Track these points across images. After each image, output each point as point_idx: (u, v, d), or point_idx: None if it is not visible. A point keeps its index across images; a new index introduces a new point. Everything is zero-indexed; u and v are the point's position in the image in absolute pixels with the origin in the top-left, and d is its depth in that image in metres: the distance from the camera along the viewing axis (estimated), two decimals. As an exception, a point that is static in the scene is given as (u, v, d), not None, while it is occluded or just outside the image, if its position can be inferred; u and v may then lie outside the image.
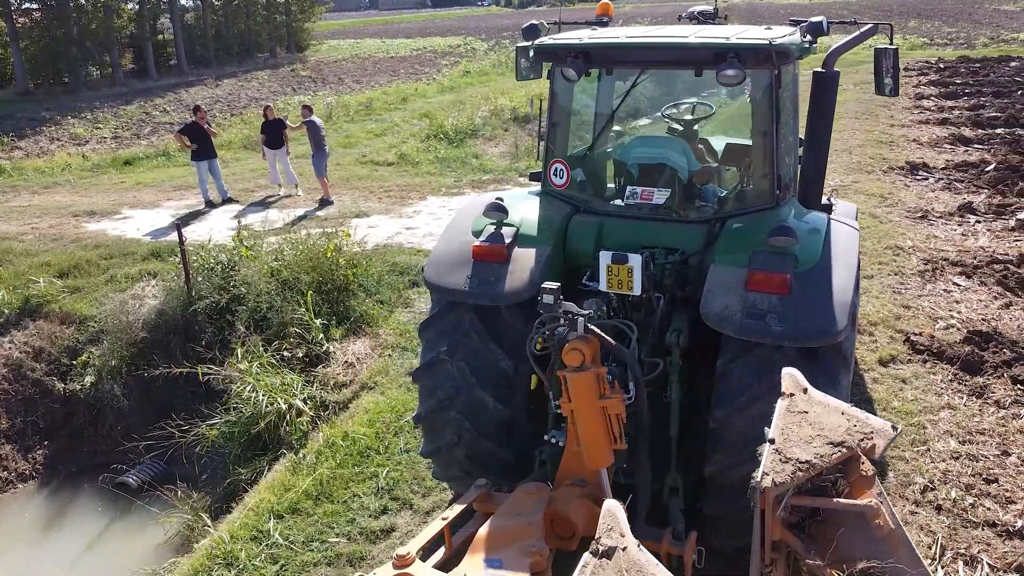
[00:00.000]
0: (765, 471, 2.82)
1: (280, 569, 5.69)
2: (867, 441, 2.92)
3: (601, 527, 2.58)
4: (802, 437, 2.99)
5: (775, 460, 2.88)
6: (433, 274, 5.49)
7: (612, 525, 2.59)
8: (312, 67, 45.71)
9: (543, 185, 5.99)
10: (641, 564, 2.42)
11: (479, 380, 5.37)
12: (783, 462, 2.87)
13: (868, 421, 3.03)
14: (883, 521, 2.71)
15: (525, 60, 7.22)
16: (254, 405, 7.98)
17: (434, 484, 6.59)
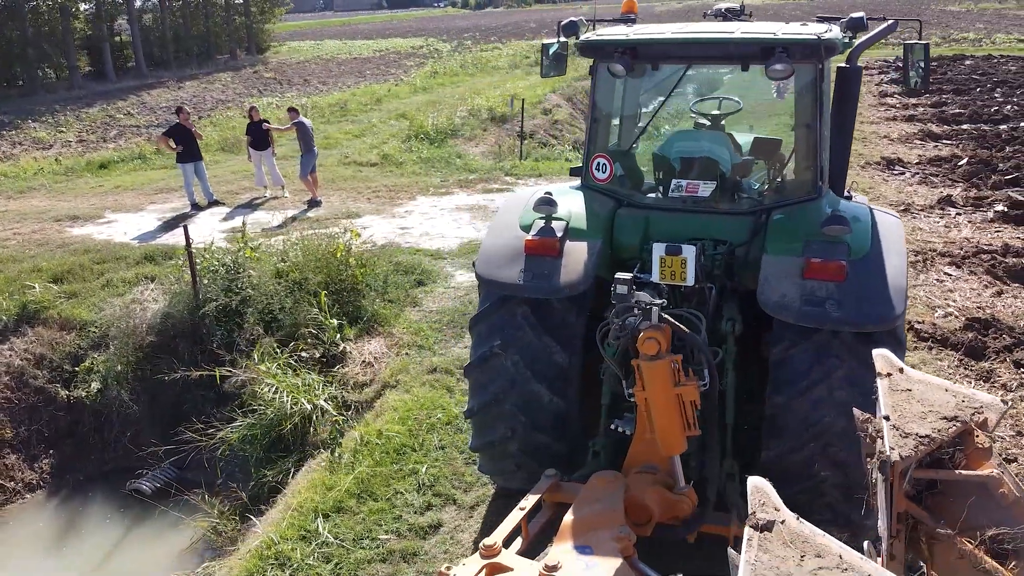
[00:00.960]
0: (891, 445, 2.93)
1: (334, 568, 5.68)
2: (979, 415, 3.05)
3: (753, 502, 2.65)
4: (915, 413, 3.11)
5: (895, 436, 2.99)
6: (485, 269, 5.53)
7: (764, 500, 2.67)
8: (275, 69, 45.19)
9: (584, 179, 6.06)
10: (805, 535, 2.51)
11: (534, 373, 5.43)
12: (903, 437, 2.98)
13: (976, 396, 3.15)
14: (1007, 490, 2.83)
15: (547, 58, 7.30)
16: (279, 406, 7.92)
17: (474, 479, 6.63)
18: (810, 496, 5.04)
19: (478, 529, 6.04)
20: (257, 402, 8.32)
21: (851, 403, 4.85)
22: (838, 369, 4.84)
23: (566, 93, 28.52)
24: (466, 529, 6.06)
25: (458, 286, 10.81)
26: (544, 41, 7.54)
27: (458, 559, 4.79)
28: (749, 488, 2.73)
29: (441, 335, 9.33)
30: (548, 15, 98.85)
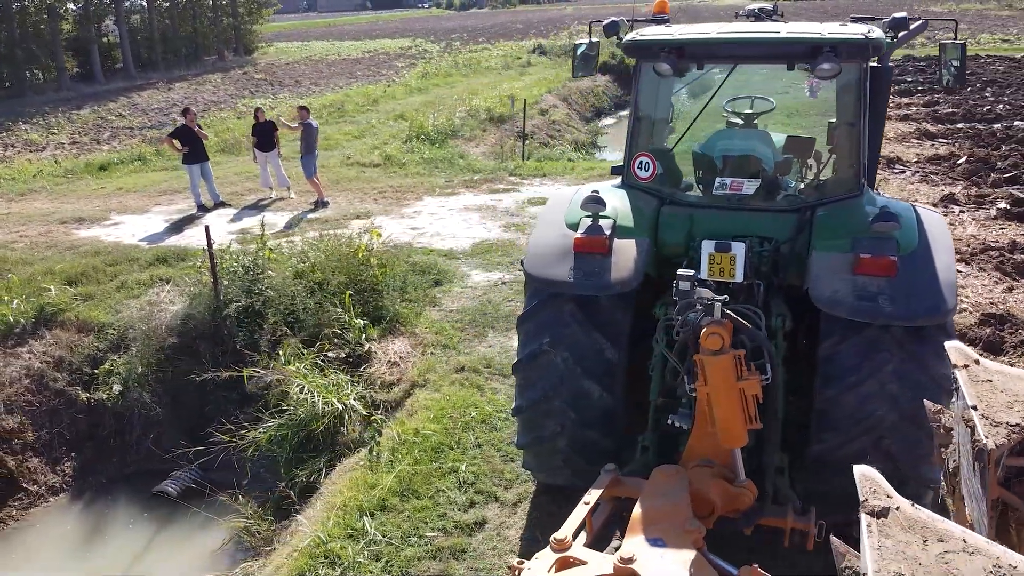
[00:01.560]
0: (984, 434, 3.01)
1: (385, 565, 5.71)
2: (1062, 403, 3.14)
3: (863, 490, 2.72)
4: (1000, 403, 3.19)
5: (986, 425, 3.07)
6: (534, 267, 5.59)
7: (874, 487, 2.73)
8: (264, 70, 45.02)
9: (625, 178, 6.12)
10: (923, 520, 2.57)
11: (584, 370, 5.49)
12: (994, 425, 3.06)
13: (1056, 384, 3.25)
14: (1097, 476, 2.92)
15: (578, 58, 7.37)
16: (310, 406, 7.92)
17: (514, 476, 6.68)
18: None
19: (523, 526, 6.09)
20: (287, 402, 8.31)
21: (901, 397, 4.98)
22: (888, 363, 4.92)
23: (561, 94, 28.63)
24: (511, 526, 6.10)
25: (475, 286, 10.85)
26: (576, 41, 7.63)
27: (507, 554, 4.83)
28: (857, 476, 2.79)
29: (464, 335, 9.37)
30: (534, 16, 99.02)
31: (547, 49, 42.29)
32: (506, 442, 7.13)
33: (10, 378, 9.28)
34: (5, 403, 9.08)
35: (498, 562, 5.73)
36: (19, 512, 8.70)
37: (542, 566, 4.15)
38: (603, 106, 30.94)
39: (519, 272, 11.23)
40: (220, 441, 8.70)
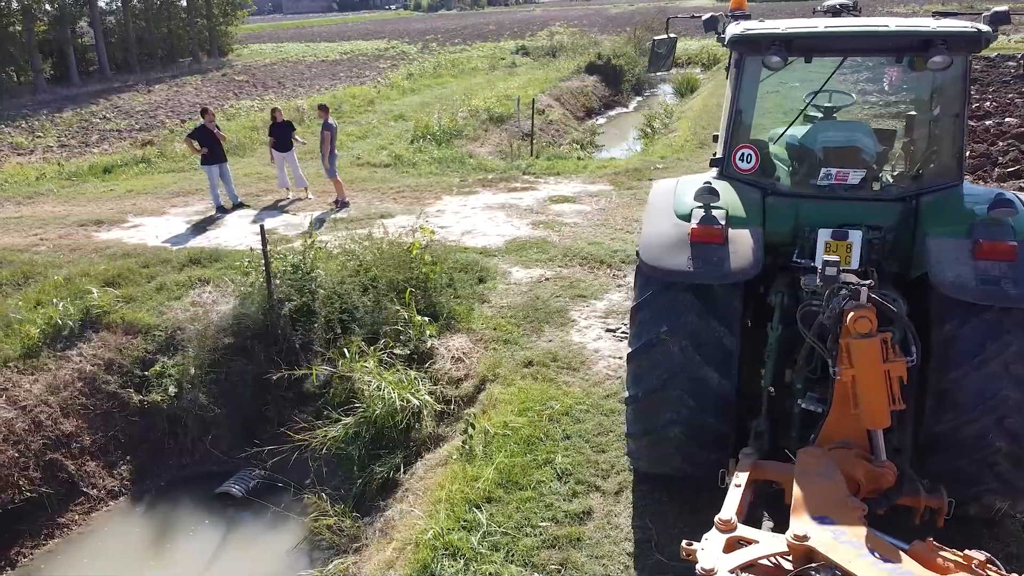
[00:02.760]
0: None
1: (506, 555, 5.75)
2: None
3: None
4: None
5: None
6: (651, 258, 5.66)
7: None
8: (243, 71, 44.59)
9: (724, 170, 6.23)
10: None
11: (703, 357, 5.58)
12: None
13: None
14: None
15: (656, 54, 7.50)
16: (389, 403, 7.93)
17: (609, 466, 6.76)
18: (979, 467, 5.30)
19: (630, 514, 6.17)
20: (359, 400, 8.31)
21: (1023, 376, 5.15)
22: (1012, 344, 5.09)
23: (553, 94, 28.78)
24: (619, 514, 6.18)
25: (518, 282, 10.90)
26: (655, 37, 7.74)
27: (622, 541, 4.70)
28: None
29: (521, 330, 9.42)
30: (504, 17, 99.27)
31: (530, 50, 42.47)
32: (593, 433, 7.21)
33: (63, 381, 9.13)
34: (61, 407, 8.93)
35: (615, 549, 5.81)
36: (80, 516, 8.58)
37: (715, 547, 4.24)
38: (593, 106, 31.15)
39: (560, 268, 11.40)
40: (291, 440, 8.71)
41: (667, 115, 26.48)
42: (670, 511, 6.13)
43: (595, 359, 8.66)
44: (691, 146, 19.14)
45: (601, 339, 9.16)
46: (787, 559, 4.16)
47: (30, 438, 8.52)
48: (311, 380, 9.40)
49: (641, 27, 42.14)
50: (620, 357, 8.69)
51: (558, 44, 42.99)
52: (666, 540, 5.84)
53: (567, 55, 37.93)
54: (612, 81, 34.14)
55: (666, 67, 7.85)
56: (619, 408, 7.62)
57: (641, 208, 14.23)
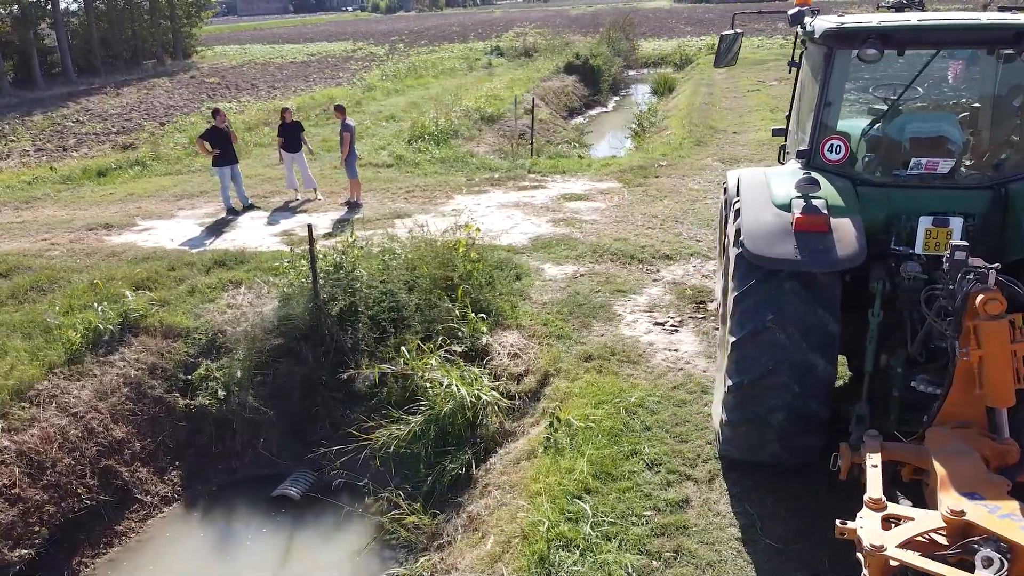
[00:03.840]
0: None
1: (619, 544, 5.80)
2: None
3: None
4: None
5: None
6: (756, 247, 5.76)
7: None
8: (212, 73, 43.90)
9: (811, 161, 6.37)
10: None
11: (809, 344, 5.71)
12: None
13: None
14: None
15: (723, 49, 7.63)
16: (458, 400, 7.93)
17: (695, 455, 6.85)
18: None
19: (728, 501, 6.26)
20: (425, 398, 8.29)
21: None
22: None
23: (537, 93, 28.87)
24: (717, 501, 6.27)
25: (553, 279, 10.96)
26: (723, 32, 7.87)
27: (727, 527, 4.75)
28: None
29: (571, 325, 9.48)
30: (465, 19, 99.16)
31: (504, 51, 42.55)
32: (671, 423, 7.30)
33: (110, 387, 8.93)
34: (110, 413, 8.73)
35: (722, 535, 5.90)
36: (137, 523, 8.39)
37: (872, 523, 4.35)
38: (574, 106, 31.35)
39: (592, 265, 11.48)
40: (346, 441, 8.66)
41: (652, 114, 26.77)
42: (767, 496, 6.23)
43: (651, 352, 8.75)
44: (689, 143, 19.39)
45: (651, 332, 9.26)
46: (941, 534, 4.28)
47: (84, 445, 8.31)
48: (361, 380, 9.35)
49: (614, 28, 42.47)
50: (676, 350, 8.82)
51: (531, 45, 43.14)
52: (770, 525, 5.96)
53: (544, 56, 38.06)
54: (590, 81, 34.39)
55: (732, 62, 7.99)
56: (689, 399, 7.74)
57: (654, 204, 14.47)
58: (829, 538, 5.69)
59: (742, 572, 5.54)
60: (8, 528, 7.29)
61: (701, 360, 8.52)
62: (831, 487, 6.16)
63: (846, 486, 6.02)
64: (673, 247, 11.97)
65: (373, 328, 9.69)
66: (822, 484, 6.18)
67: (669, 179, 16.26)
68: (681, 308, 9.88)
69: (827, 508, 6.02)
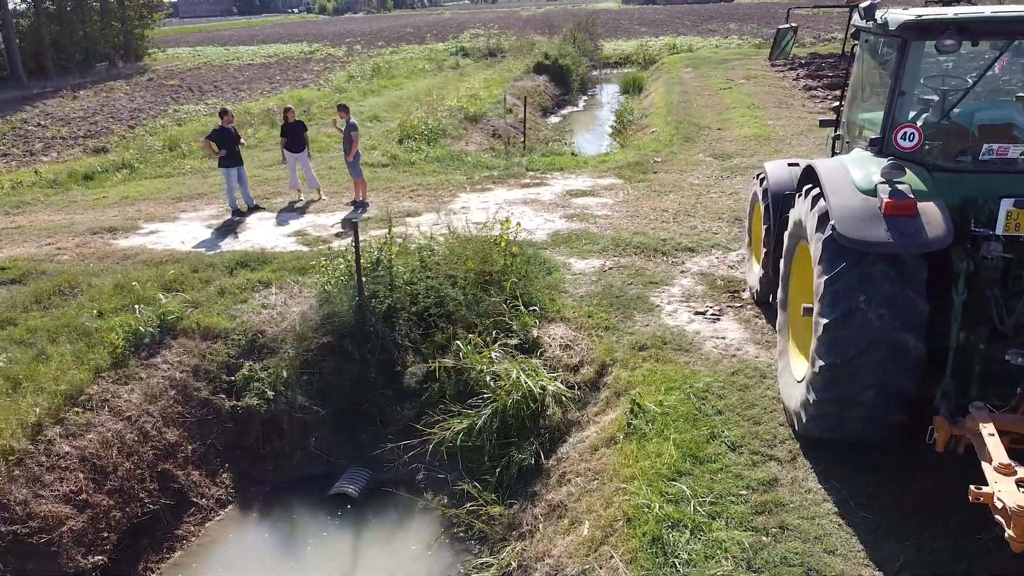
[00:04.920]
0: None
1: (726, 523, 5.95)
2: None
3: None
4: None
5: None
6: (848, 230, 5.96)
7: None
8: (172, 76, 42.97)
9: (884, 148, 6.62)
10: None
11: (899, 323, 5.94)
12: None
13: None
14: None
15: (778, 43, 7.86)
16: (525, 391, 8.01)
17: (771, 436, 7.05)
18: None
19: (815, 478, 6.47)
20: (483, 391, 8.35)
21: None
22: None
23: (512, 93, 29.01)
24: (805, 479, 6.47)
25: (582, 272, 11.09)
26: (779, 27, 8.10)
27: (821, 503, 4.95)
28: None
29: (613, 317, 9.62)
30: (417, 20, 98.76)
31: (469, 51, 42.60)
32: (741, 407, 7.49)
33: (157, 390, 8.77)
34: (161, 416, 8.58)
35: (819, 510, 6.09)
36: (195, 527, 8.27)
37: (1008, 487, 4.58)
38: (547, 105, 31.54)
39: (618, 258, 11.66)
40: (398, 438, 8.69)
41: (629, 113, 27.13)
42: (852, 473, 6.45)
43: (700, 341, 8.94)
44: (678, 140, 19.73)
45: (694, 322, 9.46)
46: (1073, 496, 4.54)
47: (141, 449, 8.16)
48: (410, 376, 9.37)
49: (578, 28, 42.86)
50: (723, 338, 9.03)
51: (495, 45, 43.28)
52: (862, 499, 6.17)
53: (511, 56, 38.22)
54: (560, 81, 34.64)
55: (787, 55, 8.22)
56: (751, 384, 7.95)
57: (660, 199, 14.72)
58: (919, 510, 6.00)
59: (848, 544, 5.74)
60: (80, 534, 7.14)
61: (750, 347, 8.74)
62: (911, 461, 6.45)
63: (924, 460, 6.34)
64: (692, 240, 12.21)
65: (418, 324, 9.70)
66: (901, 459, 6.45)
67: (668, 175, 16.54)
68: (716, 298, 10.10)
69: (910, 481, 6.31)
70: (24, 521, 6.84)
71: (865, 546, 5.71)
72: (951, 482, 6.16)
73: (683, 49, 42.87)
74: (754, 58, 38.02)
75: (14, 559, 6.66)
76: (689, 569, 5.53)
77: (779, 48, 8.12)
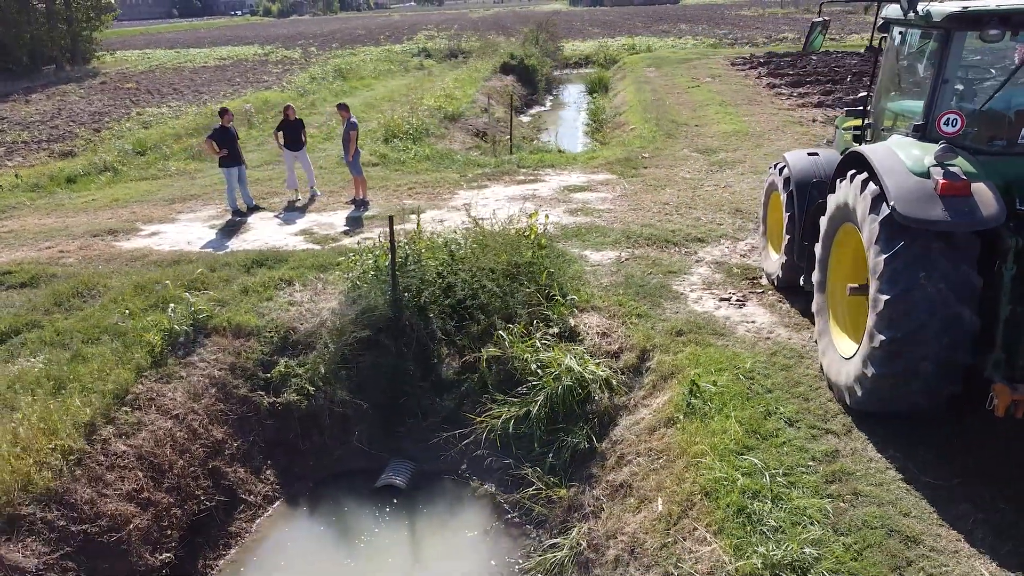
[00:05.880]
0: None
1: (803, 490, 6.21)
2: None
3: None
4: None
5: None
6: (908, 210, 6.29)
7: None
8: (126, 78, 41.96)
9: (927, 134, 6.97)
10: None
11: (956, 297, 6.29)
12: None
13: None
14: None
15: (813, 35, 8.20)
16: (576, 377, 8.20)
17: (823, 412, 7.35)
18: None
19: (874, 448, 6.77)
20: (530, 379, 8.50)
21: None
22: None
23: (485, 92, 29.18)
24: (865, 449, 6.77)
25: (600, 264, 11.32)
26: (813, 19, 8.43)
27: (886, 470, 5.34)
28: None
29: (643, 305, 9.84)
30: (368, 23, 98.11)
31: (432, 52, 42.61)
32: (788, 385, 7.78)
33: (199, 388, 8.71)
34: (206, 413, 8.52)
35: (885, 478, 6.39)
36: (246, 524, 8.24)
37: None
38: (516, 105, 31.70)
39: (632, 250, 11.93)
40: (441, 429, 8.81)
41: (600, 111, 27.53)
42: (907, 442, 6.78)
43: (732, 325, 9.23)
44: (661, 136, 20.12)
45: (721, 308, 9.75)
46: None
47: (192, 447, 8.10)
48: (446, 368, 9.48)
49: (541, 29, 43.20)
50: (753, 322, 9.33)
51: (455, 47, 43.37)
52: (922, 466, 6.49)
53: (477, 57, 38.36)
54: (527, 81, 34.91)
55: (816, 48, 8.55)
56: (791, 364, 8.25)
57: (658, 193, 15.04)
58: (980, 475, 6.35)
59: (919, 507, 6.05)
60: (146, 532, 7.08)
61: (781, 330, 9.05)
62: (963, 430, 6.82)
63: (975, 429, 6.72)
64: (700, 231, 12.53)
65: (451, 316, 9.80)
66: (952, 428, 6.82)
67: (658, 169, 16.90)
68: (737, 284, 10.42)
69: (967, 449, 6.66)
70: (93, 520, 6.76)
71: (936, 508, 6.03)
72: (1006, 448, 6.56)
73: (642, 49, 43.49)
74: (713, 57, 38.88)
75: (86, 559, 6.58)
76: (779, 535, 5.77)
77: (809, 42, 8.46)
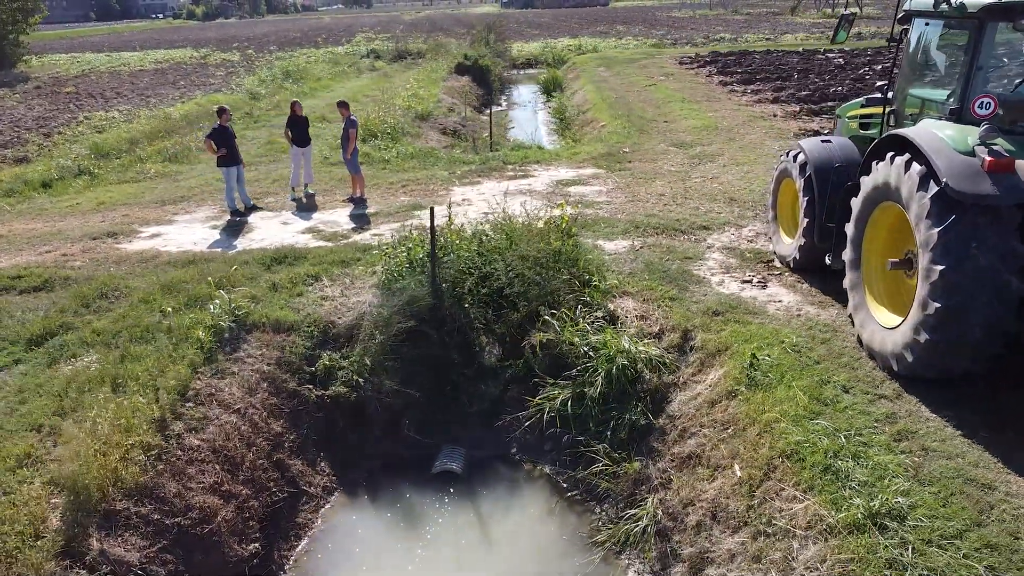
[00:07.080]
0: None
1: (876, 449, 6.65)
2: None
3: None
4: None
5: None
6: (960, 186, 6.81)
7: None
8: (57, 82, 40.57)
9: (961, 116, 7.52)
10: None
11: (1005, 266, 6.83)
12: None
13: None
14: None
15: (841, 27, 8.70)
16: (631, 357, 8.51)
17: (870, 380, 7.82)
18: None
19: (927, 410, 7.25)
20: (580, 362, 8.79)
21: None
22: None
23: (446, 92, 29.34)
24: (919, 411, 7.25)
25: (616, 252, 11.66)
26: (842, 12, 8.92)
27: (943, 428, 5.77)
28: None
29: (672, 289, 10.21)
30: (300, 24, 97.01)
31: (380, 53, 42.46)
32: (832, 355, 8.24)
33: (252, 383, 8.70)
34: (263, 407, 8.53)
35: (946, 433, 6.87)
36: (311, 515, 8.29)
37: None
38: (474, 104, 31.98)
39: (644, 239, 12.35)
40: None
41: (563, 110, 28.01)
42: (956, 403, 7.29)
43: (761, 305, 9.68)
44: (635, 132, 20.65)
45: (745, 290, 10.20)
46: None
47: (257, 440, 8.11)
48: (488, 354, 9.70)
49: (490, 30, 43.51)
50: (780, 301, 9.80)
51: (403, 48, 43.36)
52: (978, 423, 6.99)
53: (430, 57, 38.44)
54: (482, 81, 35.19)
55: (842, 41, 9.06)
56: (828, 337, 8.72)
57: (650, 185, 15.50)
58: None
59: (984, 458, 6.54)
60: (232, 524, 7.09)
61: (808, 307, 9.54)
62: (1010, 391, 7.37)
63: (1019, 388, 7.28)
64: (702, 219, 13.02)
65: (488, 305, 10.00)
66: (996, 389, 7.36)
67: (642, 163, 17.38)
68: (754, 267, 10.90)
69: (1015, 406, 7.20)
70: (184, 513, 6.75)
71: (998, 458, 6.53)
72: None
73: (588, 50, 44.27)
74: (658, 57, 39.87)
75: (183, 552, 6.56)
76: (869, 488, 6.18)
77: (837, 33, 8.97)
